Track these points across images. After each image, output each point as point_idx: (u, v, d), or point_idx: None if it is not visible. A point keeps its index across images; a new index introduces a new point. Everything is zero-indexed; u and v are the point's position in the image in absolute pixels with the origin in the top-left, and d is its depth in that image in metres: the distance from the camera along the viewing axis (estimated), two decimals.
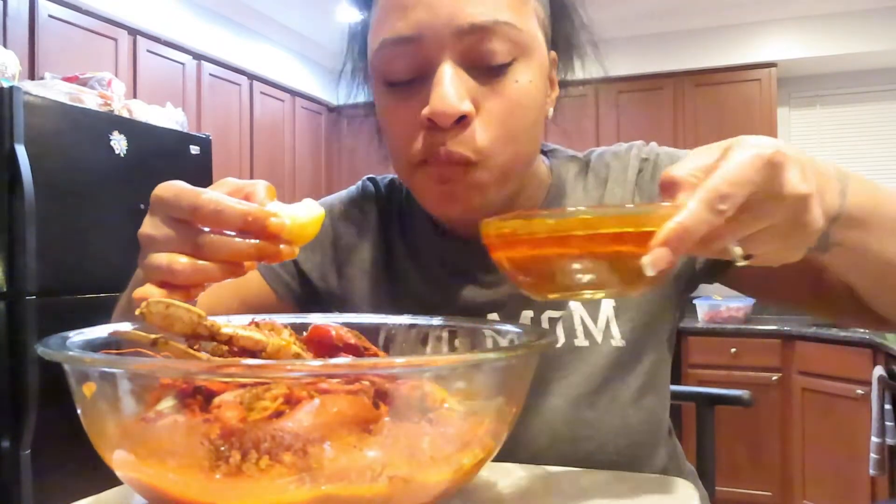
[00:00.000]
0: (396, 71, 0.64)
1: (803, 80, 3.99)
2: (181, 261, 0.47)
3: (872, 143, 3.90)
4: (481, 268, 0.76)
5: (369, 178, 0.88)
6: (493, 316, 0.75)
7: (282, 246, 0.49)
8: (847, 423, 3.06)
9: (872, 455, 2.74)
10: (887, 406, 2.69)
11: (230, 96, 3.68)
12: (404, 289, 0.79)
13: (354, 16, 0.75)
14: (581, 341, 0.73)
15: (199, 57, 3.46)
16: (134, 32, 3.08)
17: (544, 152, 0.82)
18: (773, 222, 0.44)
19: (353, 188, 0.88)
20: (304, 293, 0.84)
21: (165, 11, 3.27)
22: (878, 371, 2.77)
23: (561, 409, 0.71)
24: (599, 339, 0.73)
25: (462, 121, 0.62)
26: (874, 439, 2.74)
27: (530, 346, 0.48)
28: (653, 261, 0.40)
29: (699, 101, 3.82)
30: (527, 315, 0.75)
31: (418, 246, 0.81)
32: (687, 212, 0.40)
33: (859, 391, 2.97)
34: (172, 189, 0.48)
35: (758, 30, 3.76)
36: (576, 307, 0.74)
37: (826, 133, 4.00)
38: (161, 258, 0.47)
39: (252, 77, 3.84)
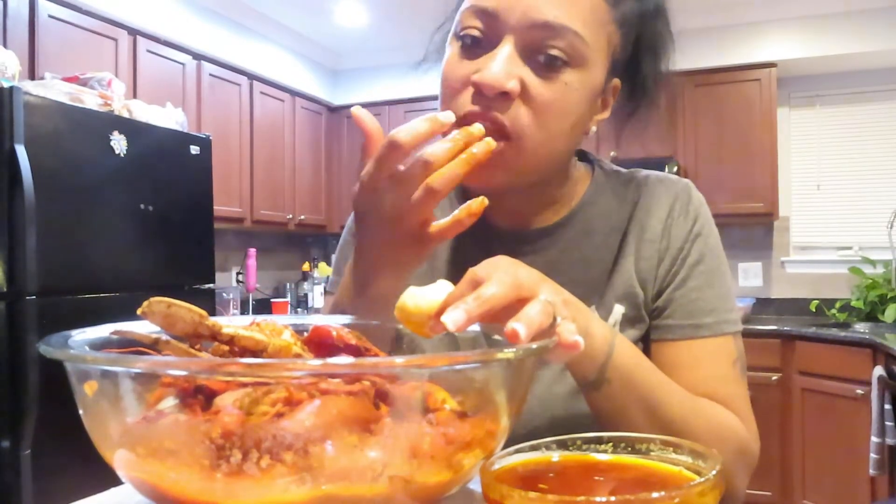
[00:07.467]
0: (469, 29, 0.70)
1: (803, 80, 3.99)
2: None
3: (872, 143, 3.90)
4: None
5: None
6: None
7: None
8: (847, 423, 3.06)
9: (872, 455, 2.74)
10: (887, 406, 2.69)
11: (230, 96, 3.68)
12: (444, 267, 0.84)
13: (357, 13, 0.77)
14: None
15: (199, 57, 3.46)
16: (134, 32, 3.08)
17: (591, 161, 0.86)
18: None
19: None
20: None
21: (165, 11, 3.28)
22: (878, 371, 2.77)
23: (561, 396, 0.75)
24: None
25: (504, 96, 0.66)
26: (874, 439, 2.74)
27: (530, 346, 0.48)
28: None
29: (699, 101, 3.82)
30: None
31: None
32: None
33: (859, 391, 2.97)
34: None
35: (758, 30, 3.76)
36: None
37: (826, 133, 4.00)
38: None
39: (252, 77, 3.84)
